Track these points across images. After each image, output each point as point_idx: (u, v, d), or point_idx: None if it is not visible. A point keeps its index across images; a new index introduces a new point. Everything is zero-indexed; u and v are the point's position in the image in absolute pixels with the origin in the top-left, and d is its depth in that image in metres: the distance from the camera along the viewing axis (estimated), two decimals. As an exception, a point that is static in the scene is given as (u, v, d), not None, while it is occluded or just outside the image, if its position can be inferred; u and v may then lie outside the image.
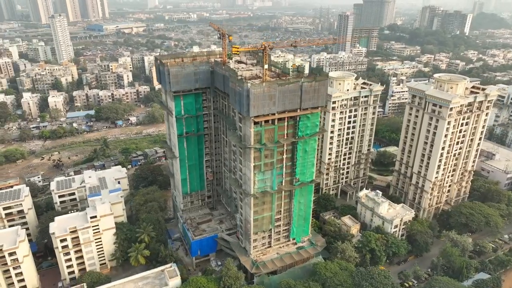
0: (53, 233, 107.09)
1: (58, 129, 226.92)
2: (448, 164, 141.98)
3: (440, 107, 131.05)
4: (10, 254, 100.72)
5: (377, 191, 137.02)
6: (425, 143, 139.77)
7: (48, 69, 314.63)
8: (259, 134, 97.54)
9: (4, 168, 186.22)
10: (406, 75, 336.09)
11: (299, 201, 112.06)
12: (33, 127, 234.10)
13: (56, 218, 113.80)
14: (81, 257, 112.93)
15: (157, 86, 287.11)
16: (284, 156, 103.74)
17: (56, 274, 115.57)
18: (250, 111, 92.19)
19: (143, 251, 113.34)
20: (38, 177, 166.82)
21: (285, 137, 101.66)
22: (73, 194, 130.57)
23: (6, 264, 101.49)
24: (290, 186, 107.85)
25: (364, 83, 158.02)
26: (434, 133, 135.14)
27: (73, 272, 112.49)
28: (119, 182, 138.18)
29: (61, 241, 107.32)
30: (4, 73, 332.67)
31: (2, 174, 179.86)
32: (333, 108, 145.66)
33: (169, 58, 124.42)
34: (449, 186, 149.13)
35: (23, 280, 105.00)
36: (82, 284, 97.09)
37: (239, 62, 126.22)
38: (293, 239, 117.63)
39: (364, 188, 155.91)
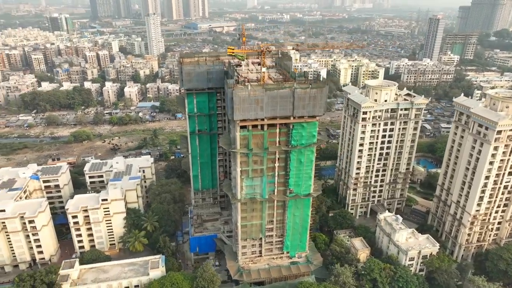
0: (67, 209, 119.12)
1: (125, 116, 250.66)
2: (496, 197, 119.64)
3: (486, 128, 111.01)
4: (30, 222, 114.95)
5: (398, 216, 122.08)
6: (467, 169, 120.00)
7: (133, 62, 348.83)
8: (246, 139, 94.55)
9: (71, 146, 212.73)
10: (501, 88, 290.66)
11: (294, 214, 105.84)
12: (106, 113, 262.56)
13: (76, 196, 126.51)
14: (92, 235, 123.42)
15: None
16: (276, 164, 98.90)
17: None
18: (234, 114, 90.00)
19: (141, 239, 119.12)
20: (92, 157, 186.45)
21: (277, 145, 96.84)
22: (102, 176, 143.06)
23: (27, 230, 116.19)
24: (282, 196, 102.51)
25: (407, 95, 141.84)
26: (477, 159, 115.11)
27: (83, 247, 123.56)
28: (143, 171, 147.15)
29: (73, 217, 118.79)
30: (102, 63, 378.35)
31: (68, 151, 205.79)
32: (364, 119, 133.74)
33: (194, 57, 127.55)
34: (499, 223, 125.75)
35: (40, 246, 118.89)
36: (75, 259, 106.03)
37: (259, 64, 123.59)
38: (287, 252, 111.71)
39: (391, 211, 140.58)
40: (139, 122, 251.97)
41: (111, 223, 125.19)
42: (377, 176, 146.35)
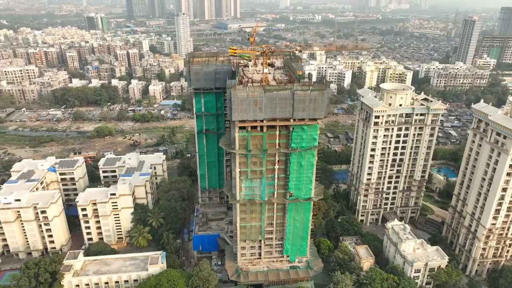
0: (77, 202, 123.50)
1: (147, 113, 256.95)
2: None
3: (505, 137, 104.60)
4: (42, 212, 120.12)
5: (406, 225, 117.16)
6: (483, 179, 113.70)
7: (160, 61, 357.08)
8: (245, 140, 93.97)
9: (94, 141, 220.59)
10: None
11: (294, 218, 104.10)
12: (130, 110, 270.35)
13: (87, 189, 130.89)
14: (100, 227, 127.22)
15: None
16: (276, 166, 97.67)
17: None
18: (232, 114, 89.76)
19: (145, 234, 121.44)
20: (110, 153, 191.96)
21: (277, 147, 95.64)
22: (114, 171, 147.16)
23: (39, 219, 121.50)
24: (282, 199, 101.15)
25: (424, 99, 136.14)
26: (494, 169, 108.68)
27: (91, 239, 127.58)
28: (154, 168, 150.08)
29: (82, 210, 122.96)
30: (131, 62, 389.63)
31: (90, 146, 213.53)
32: (376, 124, 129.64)
33: (205, 56, 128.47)
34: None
35: (51, 236, 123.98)
36: (80, 250, 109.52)
37: (270, 65, 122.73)
38: (287, 256, 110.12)
39: (404, 220, 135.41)
40: (160, 119, 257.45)
41: (119, 217, 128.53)
42: (389, 182, 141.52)
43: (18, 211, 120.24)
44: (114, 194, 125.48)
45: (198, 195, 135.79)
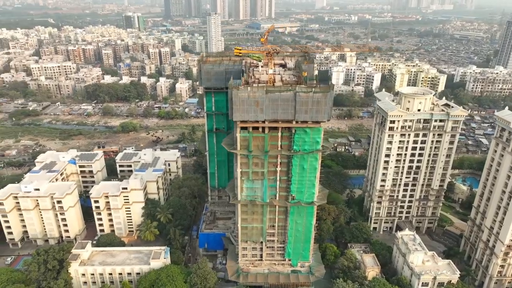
0: (91, 194, 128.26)
1: (172, 111, 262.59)
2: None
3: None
4: (58, 202, 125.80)
5: (415, 235, 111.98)
6: (503, 192, 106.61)
7: (189, 59, 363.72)
8: (247, 140, 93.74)
9: (119, 136, 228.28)
10: None
11: (296, 221, 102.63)
12: (156, 107, 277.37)
13: (101, 182, 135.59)
14: (112, 220, 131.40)
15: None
16: (278, 168, 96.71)
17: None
18: (233, 114, 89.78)
19: (152, 229, 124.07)
20: (132, 148, 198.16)
21: (279, 149, 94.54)
22: (130, 166, 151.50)
23: (56, 209, 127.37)
24: (284, 202, 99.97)
25: (445, 105, 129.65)
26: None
27: (103, 230, 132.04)
28: (168, 164, 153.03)
29: (95, 202, 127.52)
30: (163, 60, 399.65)
31: (115, 140, 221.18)
32: (391, 129, 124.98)
33: (219, 56, 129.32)
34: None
35: (66, 225, 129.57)
36: (88, 241, 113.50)
37: (282, 65, 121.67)
38: (289, 260, 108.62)
39: (420, 230, 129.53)
40: (184, 117, 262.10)
41: (130, 211, 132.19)
42: (405, 190, 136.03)
43: (37, 200, 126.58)
44: (126, 188, 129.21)
45: (208, 193, 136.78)
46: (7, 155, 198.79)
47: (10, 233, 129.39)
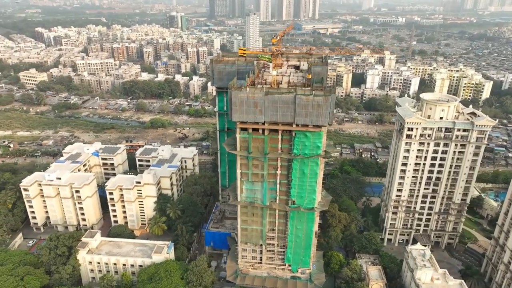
0: (106, 186, 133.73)
1: (201, 109, 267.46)
2: None
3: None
4: (76, 192, 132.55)
5: (426, 250, 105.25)
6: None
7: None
8: (246, 142, 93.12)
9: (147, 131, 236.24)
10: None
11: (296, 227, 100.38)
12: (187, 104, 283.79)
13: (118, 175, 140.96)
14: (125, 212, 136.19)
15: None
16: (278, 172, 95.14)
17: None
18: (233, 115, 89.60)
19: (160, 224, 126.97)
20: (157, 143, 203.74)
21: (279, 151, 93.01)
22: (149, 161, 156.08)
23: (74, 198, 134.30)
24: (283, 206, 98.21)
25: (472, 113, 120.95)
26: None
27: (117, 221, 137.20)
28: (185, 162, 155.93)
29: (110, 193, 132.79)
30: (200, 59, 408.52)
31: (143, 136, 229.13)
32: (409, 136, 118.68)
33: (235, 57, 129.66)
34: None
35: (84, 214, 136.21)
36: (98, 231, 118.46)
37: (295, 67, 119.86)
38: (289, 265, 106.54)
39: (439, 246, 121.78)
40: (212, 115, 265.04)
41: (143, 204, 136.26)
42: (423, 202, 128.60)
43: (58, 188, 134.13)
44: (139, 183, 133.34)
45: (219, 192, 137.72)
46: (44, 145, 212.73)
47: (34, 217, 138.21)
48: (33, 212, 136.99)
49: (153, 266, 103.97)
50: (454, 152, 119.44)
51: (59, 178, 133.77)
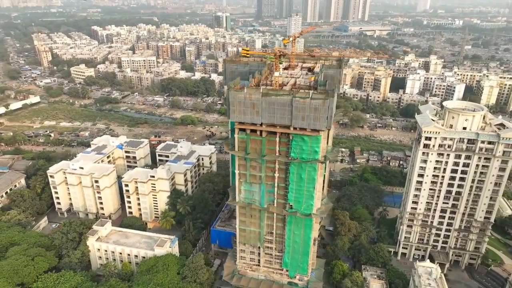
0: (123, 178, 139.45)
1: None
2: None
3: None
4: (96, 182, 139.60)
5: (434, 268, 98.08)
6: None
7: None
8: (244, 142, 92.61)
9: (177, 128, 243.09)
10: None
11: (294, 232, 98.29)
12: (219, 103, 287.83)
13: (136, 169, 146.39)
14: (140, 204, 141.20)
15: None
16: (276, 174, 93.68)
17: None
18: (230, 115, 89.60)
19: (168, 218, 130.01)
20: (183, 140, 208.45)
21: (276, 154, 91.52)
22: (168, 156, 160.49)
23: (94, 188, 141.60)
24: (281, 210, 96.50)
25: (500, 125, 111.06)
26: None
27: (131, 212, 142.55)
28: (202, 159, 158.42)
29: (125, 185, 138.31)
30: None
31: (172, 132, 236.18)
32: (426, 146, 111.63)
33: (251, 57, 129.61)
34: None
35: (102, 203, 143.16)
36: (109, 220, 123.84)
37: (309, 69, 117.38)
38: (287, 270, 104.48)
39: (459, 265, 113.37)
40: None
41: (156, 198, 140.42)
42: (442, 217, 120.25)
43: (80, 177, 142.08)
44: (153, 177, 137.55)
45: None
46: (81, 136, 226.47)
47: (59, 203, 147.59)
48: (58, 198, 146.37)
49: (153, 258, 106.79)
50: (477, 165, 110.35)
51: (82, 168, 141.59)
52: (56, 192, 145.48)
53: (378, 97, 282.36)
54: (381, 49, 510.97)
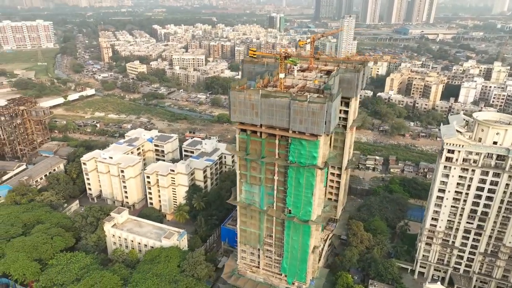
0: (145, 170, 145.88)
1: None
2: None
3: None
4: (121, 172, 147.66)
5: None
6: None
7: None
8: (245, 143, 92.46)
9: (214, 125, 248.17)
10: None
11: (292, 237, 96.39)
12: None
13: (159, 162, 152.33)
14: (160, 196, 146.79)
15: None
16: (276, 177, 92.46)
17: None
18: (231, 115, 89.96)
19: (182, 212, 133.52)
20: (215, 137, 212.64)
21: (276, 156, 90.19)
22: (193, 152, 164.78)
23: (120, 177, 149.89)
24: (279, 213, 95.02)
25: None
26: None
27: (152, 203, 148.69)
28: (225, 157, 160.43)
29: (147, 177, 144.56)
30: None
31: (208, 129, 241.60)
32: (448, 160, 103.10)
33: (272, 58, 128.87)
34: None
35: (126, 192, 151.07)
36: (126, 209, 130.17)
37: (327, 72, 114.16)
38: (286, 275, 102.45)
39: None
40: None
41: (175, 191, 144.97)
42: (465, 238, 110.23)
43: (108, 166, 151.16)
44: (173, 171, 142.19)
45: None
46: (123, 128, 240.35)
47: (90, 189, 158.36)
48: (89, 184, 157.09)
49: (158, 249, 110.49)
50: (507, 185, 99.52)
51: (111, 158, 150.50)
52: (88, 179, 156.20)
53: (426, 104, 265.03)
54: (441, 54, 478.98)
